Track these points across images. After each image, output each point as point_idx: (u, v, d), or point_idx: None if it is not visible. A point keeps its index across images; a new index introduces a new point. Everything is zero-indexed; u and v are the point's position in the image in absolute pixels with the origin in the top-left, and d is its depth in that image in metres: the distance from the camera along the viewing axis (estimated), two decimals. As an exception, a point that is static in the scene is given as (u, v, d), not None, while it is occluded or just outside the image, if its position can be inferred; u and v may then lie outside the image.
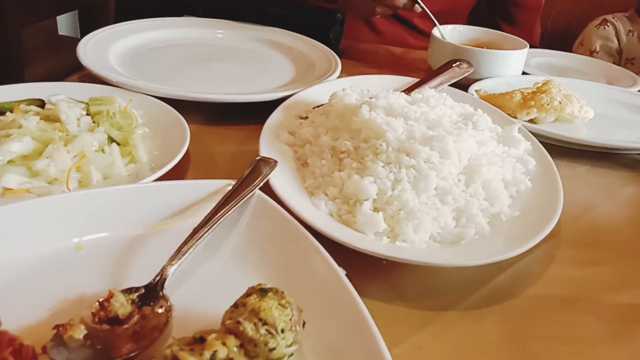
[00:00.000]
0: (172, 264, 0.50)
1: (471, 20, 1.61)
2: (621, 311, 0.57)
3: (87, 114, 0.74)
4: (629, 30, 1.90)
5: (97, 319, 0.45)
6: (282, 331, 0.41)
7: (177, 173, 0.69)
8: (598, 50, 1.76)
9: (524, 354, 0.50)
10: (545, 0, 1.67)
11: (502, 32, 1.23)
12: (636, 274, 0.63)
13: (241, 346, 0.41)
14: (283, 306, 0.42)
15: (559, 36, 2.09)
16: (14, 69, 1.74)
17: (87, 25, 2.04)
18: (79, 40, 0.97)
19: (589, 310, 0.57)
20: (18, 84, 0.81)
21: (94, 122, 0.73)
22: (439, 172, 0.64)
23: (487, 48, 1.09)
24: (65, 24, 2.62)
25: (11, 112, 0.71)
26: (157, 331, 0.44)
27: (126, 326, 0.45)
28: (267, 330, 0.41)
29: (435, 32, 1.13)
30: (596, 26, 1.92)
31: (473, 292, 0.56)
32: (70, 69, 1.01)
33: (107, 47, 1.00)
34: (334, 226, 0.59)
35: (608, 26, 1.89)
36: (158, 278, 0.48)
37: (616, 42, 1.87)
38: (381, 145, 0.65)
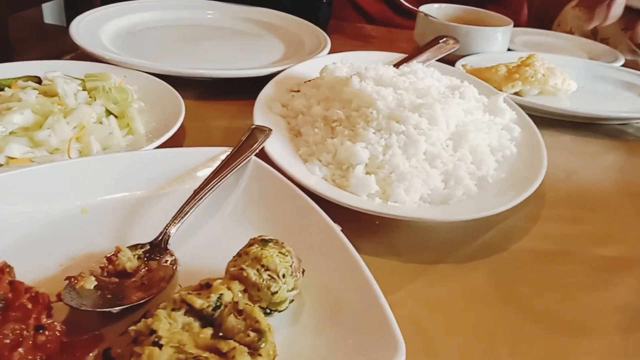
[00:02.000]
0: (175, 223, 0.52)
1: (460, 2, 1.64)
2: (604, 262, 0.60)
3: (84, 90, 0.76)
4: None
5: (105, 273, 0.47)
6: (284, 276, 0.44)
7: (173, 145, 0.70)
8: (573, 30, 1.78)
9: (511, 300, 0.53)
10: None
11: (488, 10, 1.25)
12: (618, 229, 0.67)
13: (245, 291, 0.43)
14: (283, 254, 0.45)
15: (546, 17, 2.12)
16: (1, 58, 1.74)
17: (73, 14, 2.04)
18: (65, 28, 0.98)
19: (573, 262, 0.60)
20: (14, 62, 0.83)
21: (90, 97, 0.74)
22: (427, 138, 0.66)
23: (473, 25, 1.12)
24: (50, 13, 2.60)
25: (9, 87, 0.73)
26: (164, 282, 0.46)
27: (134, 279, 0.47)
28: (269, 275, 0.43)
29: (422, 10, 1.15)
30: (572, 7, 1.94)
31: (462, 247, 0.59)
32: (58, 56, 1.01)
33: (99, 27, 1.01)
34: (328, 188, 0.61)
35: (584, 8, 1.91)
36: (162, 235, 0.51)
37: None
38: (372, 113, 0.68)
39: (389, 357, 0.40)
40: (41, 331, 0.39)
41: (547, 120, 0.89)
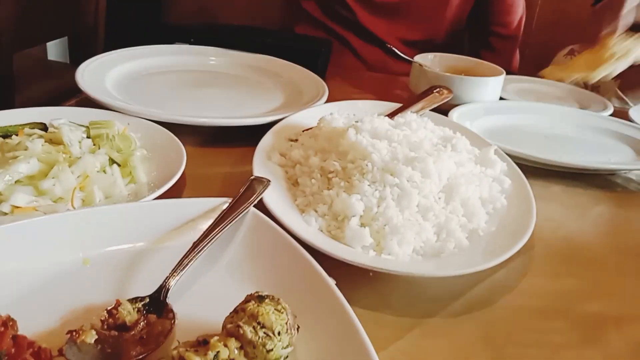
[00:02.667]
0: (174, 276, 0.53)
1: (454, 50, 1.69)
2: (590, 319, 0.62)
3: (88, 137, 0.78)
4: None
5: (105, 326, 0.48)
6: (279, 334, 0.45)
7: (174, 193, 0.72)
8: (564, 79, 1.83)
9: (498, 358, 0.54)
10: (523, 31, 1.76)
11: (480, 60, 1.30)
12: (605, 285, 0.68)
13: (241, 348, 0.45)
14: (279, 311, 0.46)
15: (537, 64, 2.18)
16: (4, 94, 1.77)
17: (77, 51, 2.08)
18: (68, 65, 1.01)
19: (560, 318, 0.61)
20: (19, 108, 0.85)
21: (94, 145, 0.77)
22: (420, 191, 0.68)
23: (465, 75, 1.16)
24: (54, 49, 2.65)
25: (16, 135, 0.75)
26: (162, 336, 0.48)
27: (133, 332, 0.48)
28: (265, 332, 0.45)
29: (417, 60, 1.19)
30: (564, 56, 2.00)
31: (453, 301, 0.60)
32: (61, 93, 1.04)
33: (103, 73, 1.04)
34: (324, 240, 0.63)
35: (574, 55, 1.96)
36: (162, 288, 0.52)
37: None
38: (367, 165, 0.70)
39: (380, 416, 0.41)
40: (42, 387, 0.40)
41: (537, 170, 0.92)
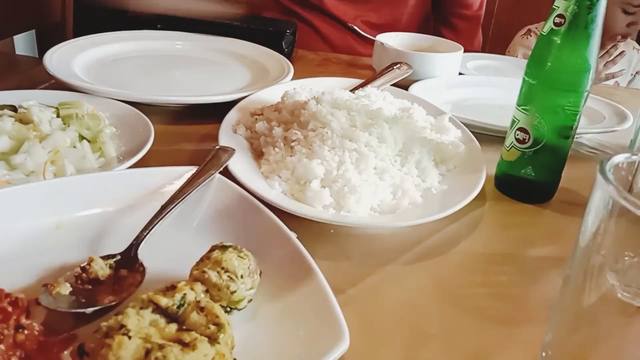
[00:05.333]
0: (143, 235, 0.57)
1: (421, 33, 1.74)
2: (535, 262, 0.67)
3: (58, 117, 0.80)
4: None
5: (79, 281, 0.51)
6: (242, 277, 0.49)
7: (143, 167, 0.75)
8: (520, 58, 1.90)
9: (452, 297, 0.59)
10: (486, 12, 1.82)
11: (441, 38, 1.35)
12: (548, 233, 0.74)
13: (207, 291, 0.48)
14: (242, 257, 0.50)
15: (499, 44, 2.24)
16: (-28, 89, 1.76)
17: (45, 46, 2.07)
18: (37, 59, 1.02)
19: (507, 263, 0.66)
20: (-12, 92, 0.87)
21: (64, 124, 0.79)
22: (377, 154, 0.73)
23: (425, 52, 1.20)
24: (22, 44, 2.62)
25: (-15, 116, 0.77)
26: (133, 287, 0.51)
27: (106, 285, 0.52)
28: (228, 276, 0.49)
29: (379, 39, 1.24)
30: (521, 36, 2.06)
31: (407, 251, 0.65)
32: (30, 86, 1.05)
33: (72, 58, 1.06)
34: (287, 201, 0.67)
35: (531, 36, 2.02)
36: (132, 246, 0.55)
37: None
38: (327, 132, 0.74)
39: (335, 344, 0.45)
40: (20, 330, 0.43)
41: (493, 138, 0.97)
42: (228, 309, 0.49)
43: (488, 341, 0.54)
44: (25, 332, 0.43)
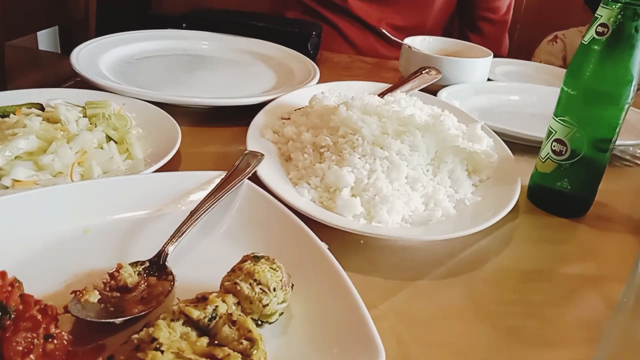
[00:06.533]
0: (172, 242, 0.56)
1: (445, 36, 1.71)
2: (570, 280, 0.64)
3: (84, 117, 0.80)
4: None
5: (108, 288, 0.50)
6: (274, 290, 0.47)
7: (170, 169, 0.74)
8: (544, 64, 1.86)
9: (484, 315, 0.57)
10: (512, 16, 1.79)
11: (469, 43, 1.32)
12: (585, 249, 0.71)
13: (238, 304, 0.47)
14: (274, 269, 0.49)
15: (525, 49, 2.21)
16: (-4, 84, 1.77)
17: (68, 42, 2.08)
18: (60, 55, 1.02)
19: (542, 279, 0.64)
20: (15, 90, 0.87)
21: (91, 124, 0.78)
22: (409, 163, 0.71)
23: (454, 57, 1.18)
24: (45, 40, 2.64)
25: (13, 114, 0.77)
26: (162, 296, 0.50)
27: (134, 293, 0.50)
28: (261, 289, 0.47)
29: (406, 42, 1.22)
30: (548, 41, 2.01)
31: (440, 265, 0.63)
32: (53, 83, 1.05)
33: (98, 56, 1.06)
34: (316, 209, 0.65)
35: (557, 42, 1.97)
36: (161, 253, 0.54)
37: (560, 59, 1.93)
38: (357, 139, 0.72)
39: (370, 364, 0.44)
40: (50, 340, 0.42)
41: (524, 146, 0.94)
42: (259, 322, 0.48)
43: (524, 363, 0.52)
44: (55, 341, 0.42)
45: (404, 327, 0.54)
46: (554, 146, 0.75)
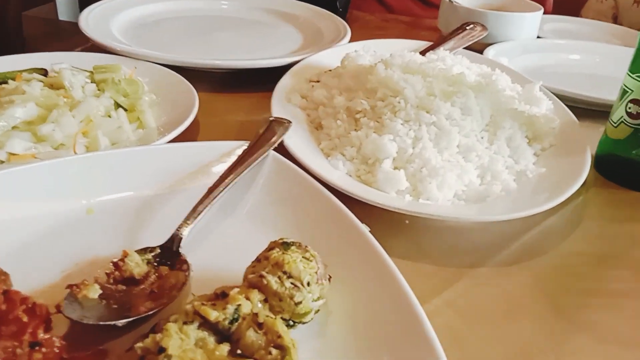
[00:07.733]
0: (187, 224, 0.47)
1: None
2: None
3: (92, 82, 0.72)
4: (634, 1, 1.83)
5: (112, 280, 0.43)
6: (308, 284, 0.39)
7: (186, 140, 0.66)
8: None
9: (555, 308, 0.48)
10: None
11: (515, -3, 1.19)
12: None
13: (265, 301, 0.39)
14: (307, 259, 0.40)
15: (571, 5, 2.04)
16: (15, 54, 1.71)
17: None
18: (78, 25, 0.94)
19: (622, 266, 0.54)
20: (19, 54, 0.79)
21: (99, 90, 0.70)
22: (461, 129, 0.61)
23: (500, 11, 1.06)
24: (65, 10, 2.58)
25: (13, 80, 0.69)
26: (175, 290, 0.42)
27: (142, 286, 0.43)
28: (292, 283, 0.39)
29: (446, -4, 1.10)
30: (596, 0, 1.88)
31: (501, 250, 0.54)
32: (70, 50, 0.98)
33: (109, 19, 0.97)
34: (354, 184, 0.56)
35: (606, 0, 1.84)
36: (174, 237, 0.46)
37: (611, 18, 1.81)
38: (399, 102, 0.63)
39: (430, 377, 0.35)
40: (37, 348, 0.34)
41: (586, 110, 0.83)
42: (291, 322, 0.39)
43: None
44: (43, 350, 0.34)
45: (463, 325, 0.45)
46: (630, 108, 0.64)
